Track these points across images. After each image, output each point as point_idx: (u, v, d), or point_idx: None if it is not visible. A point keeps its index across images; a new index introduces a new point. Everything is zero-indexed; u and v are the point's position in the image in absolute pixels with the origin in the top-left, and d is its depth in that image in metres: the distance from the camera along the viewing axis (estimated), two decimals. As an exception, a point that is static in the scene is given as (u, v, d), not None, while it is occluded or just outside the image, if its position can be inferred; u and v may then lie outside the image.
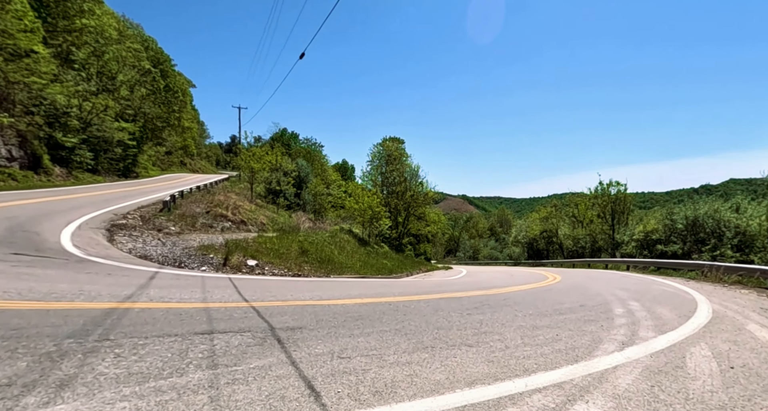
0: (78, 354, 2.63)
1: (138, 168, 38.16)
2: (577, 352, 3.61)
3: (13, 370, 2.29)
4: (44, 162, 24.69)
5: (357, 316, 4.66)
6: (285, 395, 2.26)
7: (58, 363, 2.45)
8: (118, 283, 5.61)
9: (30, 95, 24.66)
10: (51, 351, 2.63)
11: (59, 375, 2.28)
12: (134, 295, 4.75)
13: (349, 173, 68.90)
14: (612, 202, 37.75)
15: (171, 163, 55.24)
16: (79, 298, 4.32)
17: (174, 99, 52.34)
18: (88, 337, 2.98)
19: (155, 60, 49.49)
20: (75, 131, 27.35)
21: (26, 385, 2.12)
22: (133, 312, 3.91)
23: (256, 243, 12.45)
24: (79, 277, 5.78)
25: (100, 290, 4.85)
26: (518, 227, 57.52)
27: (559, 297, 7.96)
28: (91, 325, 3.32)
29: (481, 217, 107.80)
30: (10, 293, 4.21)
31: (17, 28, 22.30)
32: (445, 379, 2.71)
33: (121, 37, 39.24)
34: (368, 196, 29.26)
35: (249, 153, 30.11)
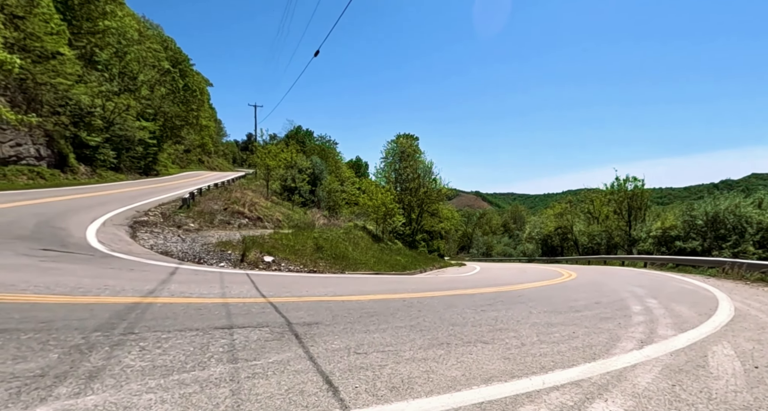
0: (105, 347, 2.70)
1: (158, 166, 38.91)
2: (594, 349, 3.56)
3: (45, 362, 2.37)
4: (70, 160, 25.36)
5: (372, 312, 4.67)
6: (304, 390, 2.28)
7: (87, 355, 2.52)
8: (140, 278, 5.74)
9: (56, 96, 25.32)
10: (80, 343, 2.71)
11: (88, 367, 2.35)
12: (156, 290, 4.86)
13: (363, 170, 68.97)
14: (628, 197, 36.96)
15: (189, 161, 56.17)
16: (105, 292, 4.44)
17: (192, 98, 53.03)
18: (113, 331, 3.06)
19: (174, 60, 50.19)
20: (98, 130, 28.00)
21: (58, 375, 2.19)
22: (155, 306, 4.00)
23: (272, 239, 12.58)
24: (103, 272, 5.94)
25: (124, 285, 4.98)
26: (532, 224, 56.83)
27: (575, 294, 7.85)
28: (116, 318, 3.41)
29: (495, 213, 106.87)
30: (39, 287, 4.35)
31: (44, 31, 22.87)
32: (461, 376, 2.70)
33: (141, 37, 39.90)
34: (382, 193, 29.25)
35: (265, 150, 30.38)
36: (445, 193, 46.31)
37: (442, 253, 52.97)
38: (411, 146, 46.50)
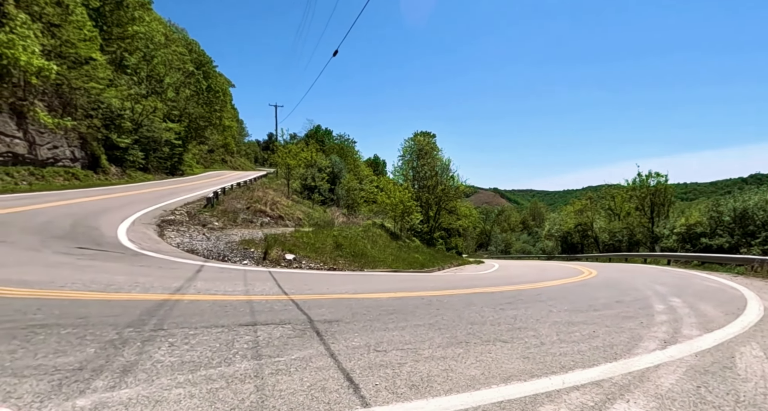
0: (137, 342, 2.81)
1: (183, 166, 39.86)
2: (615, 349, 3.49)
3: (83, 356, 2.48)
4: (102, 162, 26.26)
5: (391, 309, 4.69)
6: (325, 386, 2.32)
7: (121, 350, 2.63)
8: (168, 275, 5.92)
9: (89, 99, 26.23)
10: (114, 339, 2.83)
11: (122, 361, 2.44)
12: (183, 288, 5.00)
13: (381, 168, 69.05)
14: (651, 193, 35.92)
15: (213, 161, 57.34)
16: (135, 289, 4.60)
17: (215, 99, 54.06)
18: (144, 327, 3.17)
19: (198, 62, 51.26)
20: (128, 132, 28.89)
21: (95, 369, 2.29)
22: (182, 303, 4.12)
23: (293, 237, 12.75)
24: (134, 269, 6.14)
25: (153, 282, 5.14)
26: (551, 221, 55.88)
27: (595, 292, 7.70)
28: (146, 315, 3.53)
29: (513, 210, 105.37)
30: (76, 284, 4.54)
31: (78, 38, 23.71)
32: (480, 375, 2.69)
33: (167, 41, 40.90)
34: (400, 191, 29.24)
35: (285, 150, 30.79)
36: (462, 191, 45.96)
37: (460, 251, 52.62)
38: (428, 144, 46.27)
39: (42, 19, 21.73)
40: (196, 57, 51.54)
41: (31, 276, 4.82)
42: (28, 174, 19.18)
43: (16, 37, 17.93)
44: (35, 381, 2.09)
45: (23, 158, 19.36)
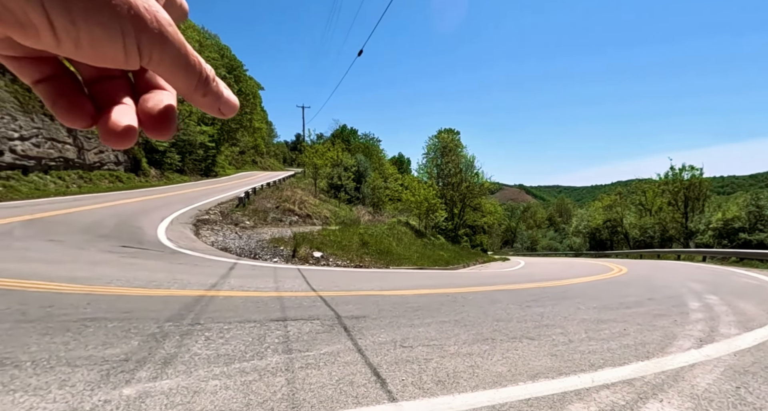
0: (176, 336, 2.93)
1: (217, 167, 41.10)
2: (647, 348, 3.36)
3: (128, 348, 2.61)
4: (143, 165, 27.43)
5: (416, 306, 4.69)
6: (353, 381, 2.35)
7: (161, 343, 2.75)
8: (204, 272, 6.13)
9: (130, 106, 27.41)
10: (155, 332, 2.96)
11: (163, 353, 2.56)
12: (218, 284, 5.17)
13: (405, 166, 68.89)
14: (685, 188, 34.28)
15: (244, 162, 58.80)
16: (174, 285, 4.79)
17: (246, 102, 55.29)
18: (183, 321, 3.30)
19: (229, 66, 52.55)
20: (165, 136, 30.04)
21: (138, 360, 2.41)
22: (217, 299, 4.27)
23: (320, 236, 12.93)
24: (172, 267, 6.40)
25: (190, 279, 5.34)
26: (579, 217, 54.25)
27: (625, 289, 7.44)
28: (184, 310, 3.68)
29: (539, 206, 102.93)
30: (120, 281, 4.77)
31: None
32: (506, 372, 2.65)
33: (201, 47, 42.16)
34: (424, 189, 29.11)
35: (312, 150, 31.18)
36: (487, 188, 45.24)
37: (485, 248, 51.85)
38: (452, 141, 45.75)
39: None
40: (227, 62, 52.86)
41: (81, 273, 5.10)
42: (78, 177, 20.26)
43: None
44: (86, 370, 2.22)
45: (73, 163, 20.46)
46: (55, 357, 2.38)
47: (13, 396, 1.91)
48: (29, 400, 1.87)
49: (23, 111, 17.67)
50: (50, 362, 2.30)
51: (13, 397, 1.89)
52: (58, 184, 18.23)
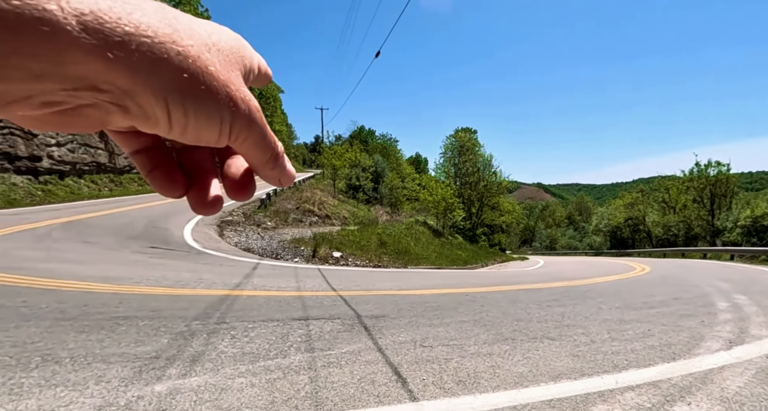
0: (203, 334, 3.00)
1: (239, 170, 41.83)
2: (673, 349, 3.25)
3: (159, 345, 2.69)
4: (168, 168, 28.19)
5: (435, 306, 4.67)
6: (375, 380, 2.36)
7: (189, 341, 2.82)
8: (228, 272, 6.26)
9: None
10: (183, 331, 3.04)
11: (191, 351, 2.63)
12: (242, 284, 5.26)
13: (423, 166, 68.61)
14: (711, 184, 33.00)
15: (265, 165, 59.58)
16: (200, 285, 4.90)
17: (267, 105, 56.18)
18: (209, 320, 3.38)
19: (250, 71, 53.39)
20: (190, 140, 30.84)
21: (168, 358, 2.48)
22: (241, 298, 4.35)
23: (339, 236, 13.01)
24: (198, 267, 6.55)
25: (215, 279, 5.46)
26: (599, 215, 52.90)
27: (649, 289, 7.22)
28: (210, 309, 3.76)
29: (558, 205, 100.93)
30: (150, 280, 4.92)
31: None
32: (528, 372, 2.62)
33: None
34: (441, 188, 28.94)
35: (331, 151, 31.41)
36: (505, 186, 44.64)
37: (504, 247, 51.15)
38: (470, 140, 45.32)
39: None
40: (249, 67, 53.65)
41: (113, 273, 5.28)
42: (109, 181, 20.98)
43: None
44: (120, 367, 2.30)
45: (104, 167, 21.21)
46: (91, 354, 2.48)
47: (54, 390, 1.99)
48: (69, 395, 1.95)
49: (58, 119, 18.36)
50: (87, 359, 2.40)
51: (54, 392, 1.98)
52: (91, 188, 18.92)
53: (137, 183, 23.14)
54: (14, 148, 15.24)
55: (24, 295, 3.81)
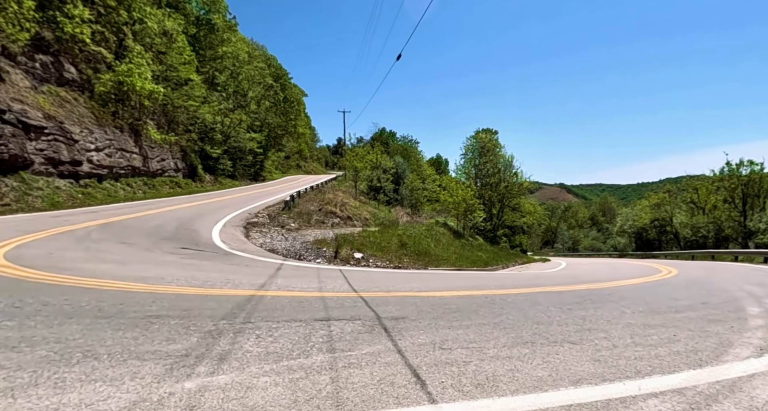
0: (230, 333, 3.09)
1: (264, 172, 42.72)
2: (700, 355, 3.13)
3: (188, 343, 2.79)
4: (198, 171, 29.03)
5: (455, 308, 4.64)
6: (394, 381, 2.37)
7: (217, 340, 2.91)
8: (253, 273, 6.40)
9: (188, 116, 29.16)
10: (211, 330, 3.14)
11: (218, 350, 2.71)
12: (266, 284, 5.38)
13: (443, 167, 68.09)
14: (743, 184, 31.41)
15: (289, 166, 60.69)
16: (227, 285, 5.04)
17: (291, 109, 57.05)
18: (235, 319, 3.47)
19: (275, 75, 54.42)
20: (219, 143, 31.66)
21: (197, 356, 2.57)
22: (266, 299, 4.44)
23: (360, 237, 13.09)
24: (225, 267, 6.73)
25: (241, 279, 5.60)
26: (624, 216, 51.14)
27: (675, 293, 6.95)
28: (237, 309, 3.87)
29: (581, 205, 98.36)
30: (180, 280, 5.09)
31: (179, 62, 26.53)
32: (547, 376, 2.57)
33: (250, 58, 44.00)
34: (462, 189, 28.69)
35: (353, 153, 31.64)
36: (526, 187, 43.86)
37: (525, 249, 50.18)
38: (491, 141, 44.73)
39: (152, 49, 24.64)
40: (274, 71, 54.78)
41: (148, 273, 5.50)
42: (143, 184, 21.81)
43: (134, 66, 20.54)
44: (153, 364, 2.40)
45: (138, 170, 22.05)
46: (127, 351, 2.59)
47: (94, 385, 2.10)
48: (107, 390, 2.05)
49: (98, 124, 19.27)
50: (123, 355, 2.51)
51: (94, 387, 2.08)
52: (126, 191, 19.70)
53: (169, 186, 23.96)
54: (58, 153, 16.05)
55: (67, 293, 4.02)
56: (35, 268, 5.26)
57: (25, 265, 5.41)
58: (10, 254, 6.13)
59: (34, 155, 14.87)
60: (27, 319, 3.12)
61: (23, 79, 16.15)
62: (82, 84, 19.99)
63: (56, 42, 18.68)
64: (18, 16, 14.20)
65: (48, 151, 15.59)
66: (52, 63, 18.41)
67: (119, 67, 20.40)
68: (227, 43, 37.08)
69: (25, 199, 13.33)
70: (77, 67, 20.09)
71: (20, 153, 14.04)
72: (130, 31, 23.06)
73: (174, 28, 26.44)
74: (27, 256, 6.09)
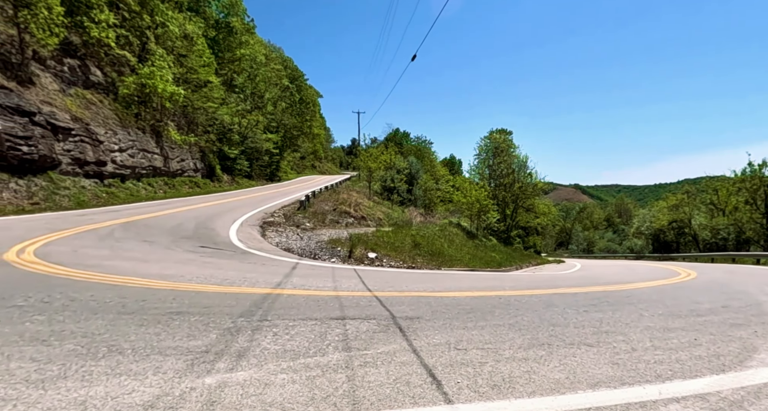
0: (248, 331, 3.12)
1: (280, 172, 43.16)
2: (722, 360, 3.03)
3: (208, 340, 2.83)
4: (216, 171, 29.51)
5: (469, 308, 4.60)
6: (410, 381, 2.36)
7: (236, 337, 2.95)
8: (269, 271, 6.47)
9: (206, 117, 29.69)
10: (230, 327, 3.18)
11: (237, 347, 2.74)
12: (282, 283, 5.43)
13: (457, 167, 67.60)
14: (766, 185, 30.29)
15: (304, 167, 61.14)
16: (244, 283, 5.11)
17: (306, 109, 57.46)
18: (253, 317, 3.52)
19: (291, 76, 54.91)
20: (236, 144, 32.14)
21: (217, 352, 2.61)
22: (282, 297, 4.48)
23: (374, 237, 13.10)
24: (242, 266, 6.82)
25: (258, 278, 5.66)
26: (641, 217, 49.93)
27: (696, 296, 6.74)
28: (254, 307, 3.91)
29: (596, 206, 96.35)
30: (200, 278, 5.18)
31: (199, 65, 27.05)
32: (564, 379, 2.52)
33: (267, 60, 44.52)
34: (476, 190, 28.47)
35: (367, 154, 31.75)
36: (541, 188, 43.30)
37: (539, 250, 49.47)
38: (505, 141, 44.30)
39: (173, 52, 25.18)
40: (290, 72, 55.28)
41: (169, 271, 5.62)
42: (163, 184, 22.29)
43: (156, 68, 21.03)
44: (175, 359, 2.45)
45: (159, 170, 22.55)
46: (149, 346, 2.65)
47: (119, 379, 2.15)
48: (132, 384, 2.10)
49: (122, 126, 19.78)
50: (146, 350, 2.57)
51: (119, 380, 2.13)
52: (148, 190, 20.16)
53: (188, 185, 24.43)
54: (84, 154, 16.54)
55: (92, 289, 4.13)
56: (62, 264, 5.43)
57: (53, 261, 5.59)
58: (40, 251, 6.34)
59: (61, 156, 15.36)
60: (56, 314, 3.22)
61: (52, 82, 16.70)
62: (107, 86, 20.55)
63: (83, 46, 19.27)
64: (48, 21, 14.68)
65: (75, 152, 16.08)
66: (79, 66, 18.98)
67: (142, 69, 20.91)
68: (245, 46, 37.60)
69: (53, 198, 13.77)
70: (102, 70, 20.68)
71: (49, 154, 14.51)
72: (153, 34, 23.60)
73: (194, 31, 26.96)
74: (55, 253, 6.29)
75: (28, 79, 15.11)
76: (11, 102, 13.30)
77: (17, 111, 13.44)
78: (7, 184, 12.71)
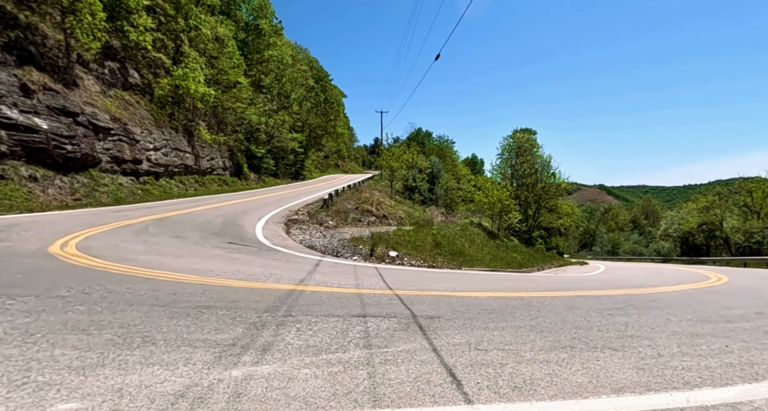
0: (272, 325, 3.19)
1: (305, 171, 43.76)
2: (756, 368, 2.86)
3: (235, 333, 2.91)
4: (244, 170, 30.21)
5: (490, 309, 4.53)
6: (430, 380, 2.34)
7: (261, 331, 3.01)
8: (293, 268, 6.57)
9: (235, 117, 30.42)
10: (255, 321, 3.25)
11: (262, 341, 2.80)
12: (305, 280, 5.51)
13: (479, 167, 66.71)
14: (804, 187, 28.42)
15: (328, 166, 61.75)
16: (269, 279, 5.21)
17: (330, 109, 57.97)
18: (277, 312, 3.58)
19: (317, 77, 55.54)
20: (263, 143, 32.79)
21: (243, 346, 2.67)
22: (305, 293, 4.55)
23: (395, 236, 13.09)
24: (268, 262, 6.96)
25: (282, 274, 5.76)
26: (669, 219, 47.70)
27: (727, 301, 6.41)
28: (278, 302, 3.99)
29: (621, 208, 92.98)
30: (227, 274, 5.32)
31: (229, 66, 27.74)
32: (587, 383, 2.45)
33: (293, 61, 45.20)
34: (497, 190, 28.00)
35: (389, 153, 31.74)
36: (564, 188, 42.21)
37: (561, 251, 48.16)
38: (528, 141, 43.40)
39: (205, 54, 25.92)
40: (315, 73, 55.91)
41: (199, 265, 5.79)
42: (194, 181, 22.99)
43: (189, 70, 21.72)
44: (203, 351, 2.52)
45: (190, 168, 23.27)
46: (180, 338, 2.74)
47: (152, 368, 2.24)
48: (164, 374, 2.18)
49: (156, 125, 20.52)
50: (177, 342, 2.66)
51: (152, 370, 2.22)
52: (179, 188, 20.85)
53: (217, 183, 25.11)
54: (121, 152, 17.26)
55: (128, 282, 4.31)
56: (102, 258, 5.69)
57: (93, 255, 5.86)
58: (81, 245, 6.67)
59: (101, 154, 16.08)
60: (95, 305, 3.38)
61: (94, 84, 17.50)
62: (144, 88, 21.37)
63: (122, 49, 20.08)
64: (91, 26, 15.38)
65: (113, 151, 16.80)
66: (118, 69, 19.82)
67: (176, 71, 21.62)
68: (273, 47, 38.26)
69: (94, 195, 14.45)
70: (140, 73, 21.51)
71: (90, 152, 15.22)
72: (187, 37, 24.36)
73: (225, 34, 27.66)
74: (94, 247, 6.60)
75: (73, 82, 15.88)
76: (57, 103, 14.02)
77: (63, 112, 14.17)
78: (53, 181, 13.42)
